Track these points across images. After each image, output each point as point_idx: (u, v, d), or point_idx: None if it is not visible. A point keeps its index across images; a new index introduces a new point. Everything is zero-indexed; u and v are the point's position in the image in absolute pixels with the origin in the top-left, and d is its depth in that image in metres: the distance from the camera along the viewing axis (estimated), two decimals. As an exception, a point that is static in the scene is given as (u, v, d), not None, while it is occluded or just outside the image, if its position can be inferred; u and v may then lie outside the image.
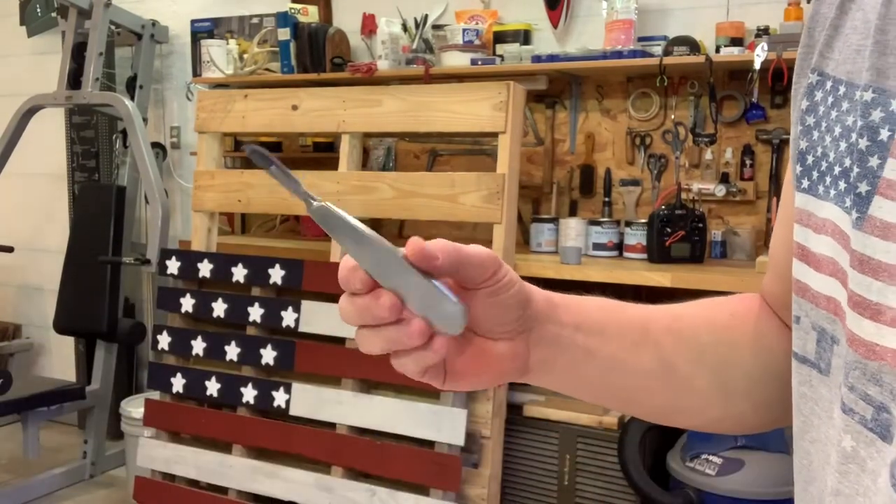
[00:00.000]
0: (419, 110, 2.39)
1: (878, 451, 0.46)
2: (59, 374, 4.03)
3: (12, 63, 4.24)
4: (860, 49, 0.50)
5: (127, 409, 3.30)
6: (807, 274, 0.54)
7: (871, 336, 0.46)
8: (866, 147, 0.47)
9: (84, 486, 3.54)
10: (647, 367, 0.62)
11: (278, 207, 2.71)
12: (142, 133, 3.28)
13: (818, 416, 0.53)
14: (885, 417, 0.45)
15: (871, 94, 0.48)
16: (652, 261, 2.59)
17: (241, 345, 2.50)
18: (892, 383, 0.45)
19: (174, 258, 2.66)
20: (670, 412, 0.67)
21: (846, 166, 0.49)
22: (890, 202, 0.46)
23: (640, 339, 0.62)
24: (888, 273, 0.45)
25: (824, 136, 0.52)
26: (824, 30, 0.54)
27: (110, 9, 3.43)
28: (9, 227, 4.19)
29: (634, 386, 0.63)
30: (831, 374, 0.51)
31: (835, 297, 0.51)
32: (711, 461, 2.20)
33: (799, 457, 0.56)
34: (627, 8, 2.72)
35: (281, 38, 3.26)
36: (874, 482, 0.46)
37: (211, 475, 2.53)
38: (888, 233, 0.45)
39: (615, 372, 0.62)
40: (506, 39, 3.02)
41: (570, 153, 3.05)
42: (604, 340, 0.61)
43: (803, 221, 0.54)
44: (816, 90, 0.54)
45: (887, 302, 0.45)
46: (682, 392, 0.64)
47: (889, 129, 0.46)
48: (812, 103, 0.54)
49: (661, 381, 0.63)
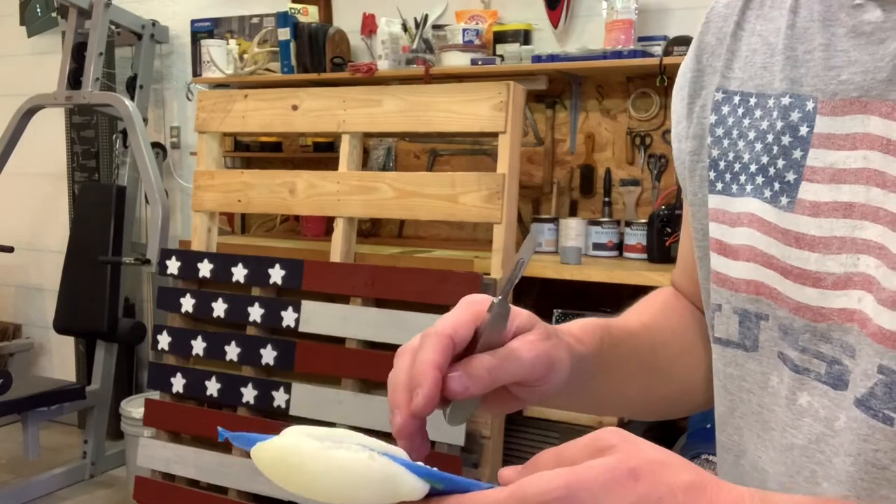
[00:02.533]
0: (419, 110, 2.39)
1: (830, 399, 0.52)
2: (59, 374, 4.03)
3: (12, 63, 4.24)
4: (766, 66, 0.59)
5: (127, 409, 3.30)
6: (726, 265, 0.60)
7: (817, 301, 0.53)
8: (789, 142, 0.56)
9: (84, 486, 3.54)
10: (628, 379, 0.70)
11: (278, 207, 2.71)
12: (142, 133, 3.28)
13: (748, 391, 0.60)
14: (837, 369, 0.52)
15: (788, 99, 0.57)
16: (652, 261, 2.59)
17: (241, 345, 2.50)
18: (841, 338, 0.52)
19: (174, 258, 2.66)
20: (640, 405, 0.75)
21: (763, 163, 0.58)
22: (816, 185, 0.54)
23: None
24: (823, 244, 0.53)
25: (737, 141, 0.60)
26: (718, 56, 0.64)
27: (110, 9, 3.43)
28: (9, 227, 4.19)
29: (609, 391, 0.69)
30: (760, 348, 0.58)
31: (755, 279, 0.58)
32: (711, 461, 2.20)
33: (727, 434, 0.63)
34: (627, 8, 2.72)
35: (281, 38, 3.26)
36: (830, 427, 0.52)
37: (211, 475, 2.52)
38: (817, 210, 0.54)
39: (603, 385, 0.68)
40: (506, 39, 3.02)
41: (570, 153, 3.05)
42: (600, 365, 0.65)
43: (719, 219, 0.61)
44: (723, 105, 0.62)
45: (827, 269, 0.53)
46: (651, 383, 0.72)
47: (807, 126, 0.55)
48: (720, 117, 0.62)
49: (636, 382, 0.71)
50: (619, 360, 0.67)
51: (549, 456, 0.45)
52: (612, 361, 0.66)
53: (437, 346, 0.51)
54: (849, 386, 0.51)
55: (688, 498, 0.42)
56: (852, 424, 0.51)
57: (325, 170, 2.59)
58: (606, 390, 0.68)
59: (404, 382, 0.51)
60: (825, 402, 0.53)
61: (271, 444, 0.42)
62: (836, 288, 0.52)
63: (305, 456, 0.41)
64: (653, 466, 0.42)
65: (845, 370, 0.52)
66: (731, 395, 0.61)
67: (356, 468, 0.40)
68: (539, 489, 0.41)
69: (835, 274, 0.52)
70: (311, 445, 0.41)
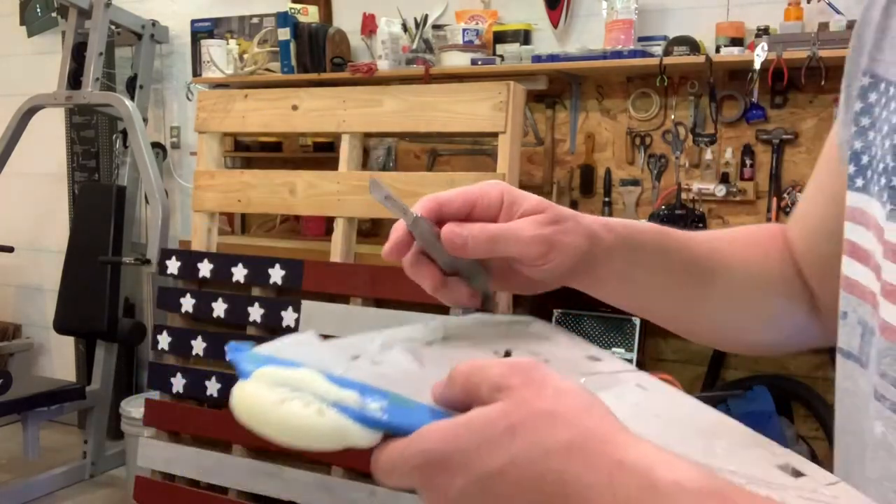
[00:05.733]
0: (419, 110, 2.39)
1: None
2: (59, 374, 4.03)
3: (12, 63, 4.24)
4: None
5: (127, 409, 3.30)
6: (857, 271, 0.54)
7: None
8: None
9: (84, 486, 3.54)
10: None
11: (278, 207, 2.71)
12: (142, 133, 3.28)
13: (857, 409, 0.53)
14: None
15: None
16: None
17: (241, 345, 2.49)
18: None
19: (174, 258, 2.65)
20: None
21: (887, 163, 0.50)
22: None
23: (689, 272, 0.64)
24: None
25: (877, 136, 0.52)
26: (872, 32, 0.54)
27: (110, 9, 3.43)
28: (9, 227, 4.19)
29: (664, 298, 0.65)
30: (869, 365, 0.52)
31: (871, 288, 0.51)
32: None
33: (840, 450, 0.56)
34: (627, 8, 2.72)
35: (281, 38, 3.26)
36: None
37: (211, 475, 2.52)
38: None
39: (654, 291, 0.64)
40: (506, 39, 3.02)
41: (570, 153, 3.05)
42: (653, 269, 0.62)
43: (856, 219, 0.54)
44: (870, 92, 0.54)
45: None
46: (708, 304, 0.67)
47: None
48: (867, 104, 0.54)
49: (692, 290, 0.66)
50: (660, 260, 0.62)
51: (463, 376, 0.42)
52: (651, 259, 0.61)
53: (424, 205, 0.53)
54: None
55: (564, 461, 0.38)
56: None
57: (325, 170, 2.59)
58: (642, 287, 0.63)
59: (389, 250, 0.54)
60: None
61: (240, 391, 0.46)
62: None
63: (264, 407, 0.44)
64: (535, 422, 0.39)
65: None
66: (844, 411, 0.56)
67: (306, 423, 0.43)
68: (418, 448, 0.40)
69: None
70: (268, 398, 0.44)
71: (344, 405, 0.43)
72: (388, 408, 0.43)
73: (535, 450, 0.39)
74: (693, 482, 0.36)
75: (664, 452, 0.38)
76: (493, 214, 0.53)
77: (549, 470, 0.38)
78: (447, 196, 0.53)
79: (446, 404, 0.42)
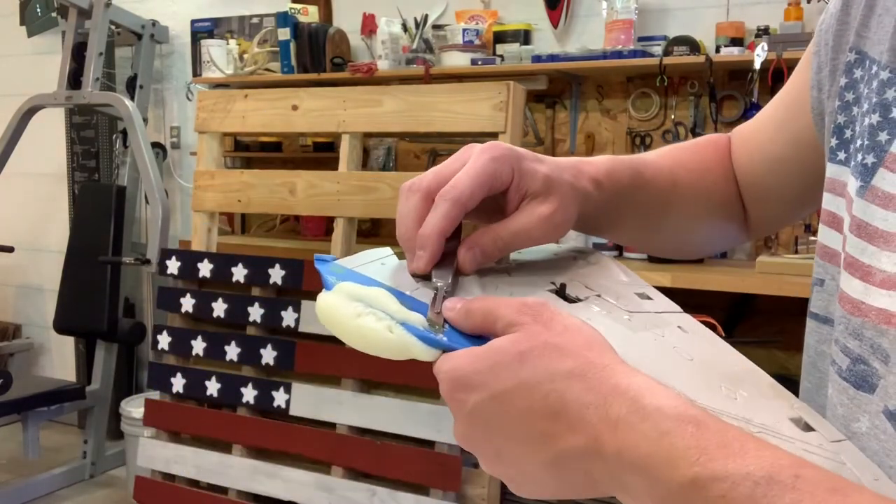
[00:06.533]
0: (419, 110, 2.39)
1: (850, 398, 0.49)
2: (59, 374, 4.03)
3: (12, 63, 4.24)
4: (890, 31, 0.52)
5: (127, 409, 3.30)
6: (834, 240, 0.56)
7: (859, 294, 0.50)
8: (877, 122, 0.50)
9: (84, 486, 3.54)
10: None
11: (278, 207, 2.71)
12: (142, 133, 3.28)
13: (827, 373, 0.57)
14: (861, 369, 0.49)
15: (887, 74, 0.50)
16: (652, 260, 2.59)
17: (241, 345, 2.49)
18: (872, 338, 0.48)
19: (174, 258, 2.65)
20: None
21: (864, 140, 0.52)
22: (893, 174, 0.49)
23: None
24: (883, 239, 0.49)
25: (859, 112, 0.54)
26: (861, 9, 0.56)
27: (110, 9, 3.43)
28: (9, 227, 4.19)
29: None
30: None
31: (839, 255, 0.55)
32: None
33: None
34: (627, 8, 2.72)
35: (281, 38, 3.26)
36: (847, 427, 0.49)
37: (211, 475, 2.52)
38: (888, 203, 0.49)
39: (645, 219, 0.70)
40: (506, 39, 3.02)
41: (570, 153, 3.05)
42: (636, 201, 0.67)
43: (836, 191, 0.56)
44: (855, 68, 0.55)
45: (879, 265, 0.49)
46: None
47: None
48: (851, 80, 0.56)
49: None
50: (634, 202, 0.66)
51: (480, 312, 0.50)
52: (628, 203, 0.66)
53: (448, 215, 0.55)
54: (876, 391, 0.48)
55: (564, 384, 0.44)
56: (878, 434, 0.47)
57: (325, 170, 2.59)
58: (616, 222, 0.67)
59: (411, 235, 0.56)
60: (843, 400, 0.50)
61: (323, 301, 0.53)
62: (883, 287, 0.48)
63: (342, 318, 0.51)
64: (543, 350, 0.46)
65: (871, 372, 0.48)
66: (819, 373, 0.58)
67: (377, 336, 0.50)
68: (447, 367, 0.48)
69: (885, 272, 0.48)
70: (346, 311, 0.51)
71: (410, 325, 0.50)
72: (447, 331, 0.50)
73: (542, 374, 0.45)
74: (672, 409, 0.42)
75: (652, 382, 0.44)
76: (504, 189, 0.57)
77: (552, 390, 0.45)
78: (467, 193, 0.55)
79: (462, 331, 0.50)
